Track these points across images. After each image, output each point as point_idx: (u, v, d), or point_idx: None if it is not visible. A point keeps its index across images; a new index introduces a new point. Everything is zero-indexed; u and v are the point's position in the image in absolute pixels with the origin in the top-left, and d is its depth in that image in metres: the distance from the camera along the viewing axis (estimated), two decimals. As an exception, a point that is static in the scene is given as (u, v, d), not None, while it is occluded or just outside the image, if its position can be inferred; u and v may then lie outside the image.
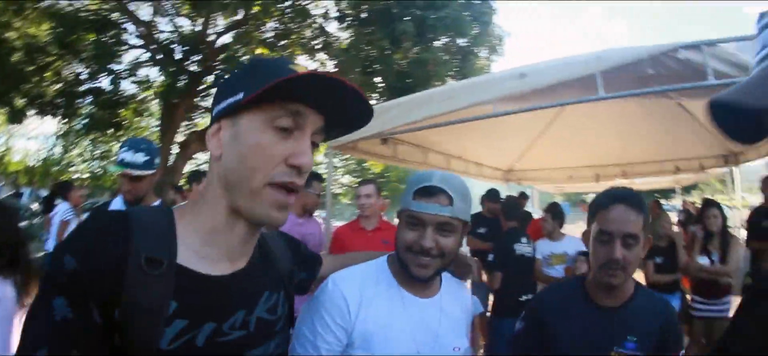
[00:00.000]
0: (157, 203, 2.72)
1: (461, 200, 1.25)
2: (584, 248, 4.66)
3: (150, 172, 2.53)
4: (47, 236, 5.69)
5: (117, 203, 2.69)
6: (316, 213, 4.04)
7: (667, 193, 19.35)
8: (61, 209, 5.60)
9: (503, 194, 6.29)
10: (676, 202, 20.43)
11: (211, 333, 0.79)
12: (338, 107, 0.85)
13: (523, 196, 8.15)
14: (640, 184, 12.32)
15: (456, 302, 1.37)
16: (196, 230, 0.83)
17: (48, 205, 5.69)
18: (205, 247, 0.83)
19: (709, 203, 4.41)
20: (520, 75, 3.27)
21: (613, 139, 6.87)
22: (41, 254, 5.51)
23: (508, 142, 7.06)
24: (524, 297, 4.19)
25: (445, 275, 1.38)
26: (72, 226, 5.39)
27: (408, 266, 1.24)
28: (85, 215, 6.58)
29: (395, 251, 1.31)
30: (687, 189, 19.78)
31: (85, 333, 0.71)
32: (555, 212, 4.90)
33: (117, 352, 0.74)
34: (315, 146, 0.86)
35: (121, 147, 2.58)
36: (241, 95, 0.80)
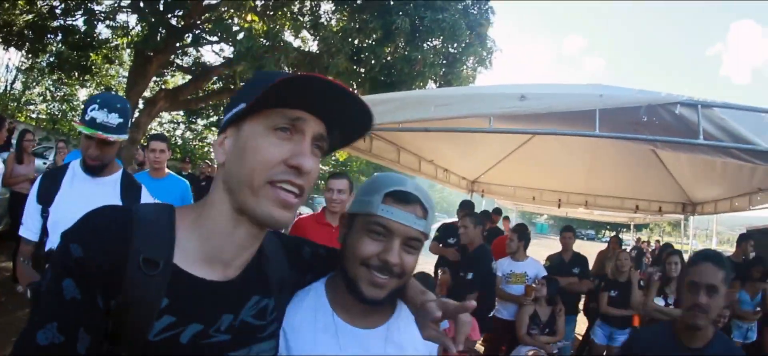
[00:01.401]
0: (120, 171, 2.36)
1: (432, 215, 1.06)
2: (544, 273, 4.78)
3: (123, 137, 2.18)
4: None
5: (76, 167, 2.29)
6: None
7: (620, 227, 20.19)
8: None
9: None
10: (627, 237, 21.44)
11: (196, 334, 0.83)
12: (339, 114, 0.87)
13: (497, 212, 8.24)
14: (598, 215, 12.82)
15: (411, 330, 1.08)
16: (196, 231, 0.87)
17: None
18: (203, 250, 0.87)
19: (672, 251, 4.65)
20: (520, 96, 3.29)
21: (580, 169, 7.12)
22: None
23: (479, 154, 7.15)
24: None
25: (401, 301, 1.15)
26: None
27: (358, 283, 1.01)
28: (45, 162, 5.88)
29: (341, 265, 1.08)
30: (639, 227, 20.77)
31: (91, 313, 0.77)
32: (521, 234, 5.02)
33: (109, 336, 0.80)
34: (320, 149, 0.88)
35: (90, 102, 2.14)
36: (243, 105, 0.83)
